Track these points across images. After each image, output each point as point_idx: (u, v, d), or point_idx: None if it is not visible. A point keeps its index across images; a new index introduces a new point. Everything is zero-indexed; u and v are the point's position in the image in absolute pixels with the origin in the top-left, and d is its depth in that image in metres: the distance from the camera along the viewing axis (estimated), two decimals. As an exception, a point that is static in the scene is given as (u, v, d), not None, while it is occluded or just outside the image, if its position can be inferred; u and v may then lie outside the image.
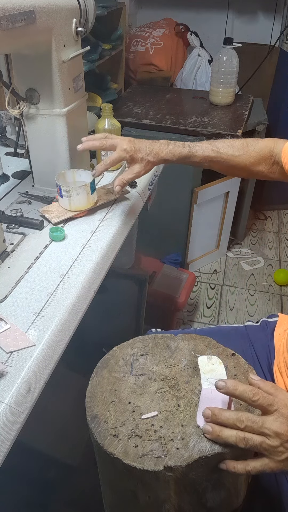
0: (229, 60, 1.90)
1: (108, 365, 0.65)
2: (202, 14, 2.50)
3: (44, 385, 0.64)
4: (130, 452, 0.53)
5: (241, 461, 0.54)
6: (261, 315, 2.00)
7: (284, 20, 2.38)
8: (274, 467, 0.53)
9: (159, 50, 2.27)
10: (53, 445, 1.03)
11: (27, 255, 0.85)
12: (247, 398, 0.53)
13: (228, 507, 0.62)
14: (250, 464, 0.53)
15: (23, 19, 0.75)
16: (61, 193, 0.94)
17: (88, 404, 0.59)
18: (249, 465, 0.53)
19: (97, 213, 0.99)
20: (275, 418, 0.53)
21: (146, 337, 0.69)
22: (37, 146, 1.01)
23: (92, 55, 1.64)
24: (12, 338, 0.66)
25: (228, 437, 0.52)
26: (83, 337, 0.81)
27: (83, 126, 1.07)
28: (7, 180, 1.13)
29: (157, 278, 1.88)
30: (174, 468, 0.51)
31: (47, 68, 0.89)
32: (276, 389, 0.57)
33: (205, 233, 2.13)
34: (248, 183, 2.17)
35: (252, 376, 0.59)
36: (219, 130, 1.72)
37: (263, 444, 0.52)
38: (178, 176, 1.80)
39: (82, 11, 0.94)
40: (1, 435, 0.55)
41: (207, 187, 1.88)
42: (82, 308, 0.77)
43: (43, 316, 0.71)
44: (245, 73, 2.24)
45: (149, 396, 0.60)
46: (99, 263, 0.85)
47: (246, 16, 2.46)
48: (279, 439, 0.52)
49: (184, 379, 0.62)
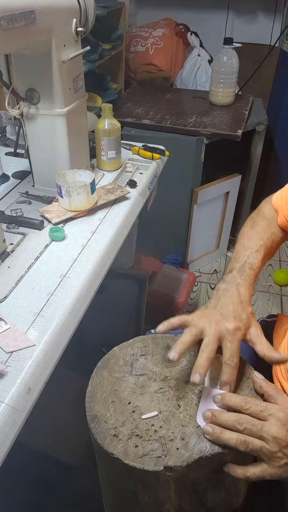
0: (229, 60, 1.90)
1: (108, 365, 0.64)
2: (202, 14, 2.50)
3: (44, 385, 0.64)
4: (130, 452, 0.53)
5: (241, 467, 0.54)
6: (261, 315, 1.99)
7: (284, 20, 2.38)
8: (273, 473, 0.53)
9: (159, 50, 2.27)
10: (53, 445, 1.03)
11: (27, 255, 0.85)
12: (240, 407, 0.55)
13: (228, 507, 0.62)
14: (249, 470, 0.53)
15: (23, 19, 0.75)
16: (61, 193, 0.94)
17: (88, 404, 0.59)
18: (249, 471, 0.53)
19: (97, 213, 0.99)
20: (273, 423, 0.53)
21: (146, 337, 0.69)
22: (37, 146, 1.01)
23: (92, 55, 1.64)
24: (12, 338, 0.66)
25: (228, 439, 0.52)
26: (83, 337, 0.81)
27: (83, 126, 1.07)
28: (7, 180, 1.13)
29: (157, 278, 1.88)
30: (174, 468, 0.51)
31: (47, 68, 0.89)
32: (277, 392, 0.57)
33: (205, 233, 2.13)
34: (248, 183, 2.17)
35: (257, 375, 0.60)
36: (219, 130, 1.72)
37: (262, 449, 0.52)
38: (178, 176, 1.80)
39: (82, 11, 0.94)
40: (1, 435, 0.55)
41: (207, 187, 1.88)
42: (82, 308, 0.77)
43: (43, 316, 0.71)
44: (245, 73, 2.24)
45: (149, 396, 0.60)
46: (99, 263, 0.85)
47: (246, 16, 2.46)
48: (277, 444, 0.52)
49: (184, 379, 0.62)
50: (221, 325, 0.62)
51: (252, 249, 0.76)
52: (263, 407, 0.54)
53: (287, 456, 0.52)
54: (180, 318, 0.66)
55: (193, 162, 1.77)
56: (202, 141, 1.72)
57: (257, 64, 2.29)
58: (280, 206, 0.83)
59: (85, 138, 1.10)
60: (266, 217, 0.84)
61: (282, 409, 0.54)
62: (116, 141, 1.14)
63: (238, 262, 0.74)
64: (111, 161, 1.17)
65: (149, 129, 1.78)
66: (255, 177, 2.15)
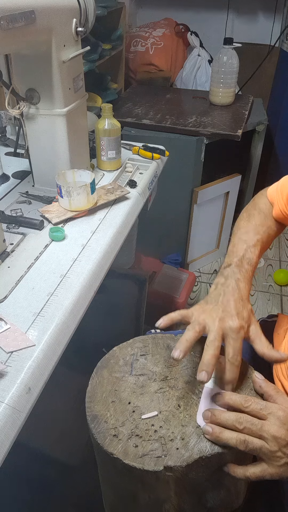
0: (229, 60, 1.90)
1: (108, 365, 0.64)
2: (202, 14, 2.50)
3: (44, 385, 0.64)
4: (130, 452, 0.53)
5: (241, 466, 0.54)
6: (261, 315, 2.00)
7: (284, 20, 2.38)
8: (273, 473, 0.53)
9: (159, 50, 2.27)
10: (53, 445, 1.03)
11: (27, 255, 0.85)
12: (240, 405, 0.55)
13: (228, 507, 0.62)
14: (249, 470, 0.53)
15: (23, 19, 0.75)
16: (61, 193, 0.94)
17: (88, 404, 0.59)
18: (248, 471, 0.53)
19: (97, 213, 0.99)
20: (273, 422, 0.53)
21: (146, 337, 0.69)
22: (37, 146, 1.01)
23: (92, 55, 1.64)
24: (12, 338, 0.66)
25: (228, 439, 0.52)
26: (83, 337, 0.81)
27: (83, 126, 1.07)
28: (7, 180, 1.13)
29: (157, 278, 1.88)
30: (174, 468, 0.51)
31: (47, 68, 0.89)
32: (277, 392, 0.57)
33: (205, 233, 2.13)
34: (248, 183, 2.17)
35: (257, 375, 0.60)
36: (219, 130, 1.72)
37: (262, 448, 0.52)
38: (178, 176, 1.80)
39: (82, 11, 0.94)
40: (1, 435, 0.55)
41: (207, 187, 1.88)
42: (82, 308, 0.77)
43: (43, 316, 0.71)
44: (245, 73, 2.24)
45: (149, 396, 0.60)
46: (99, 263, 0.85)
47: (246, 16, 2.46)
48: (277, 444, 0.52)
49: (184, 379, 0.62)
50: (225, 323, 0.62)
51: (249, 244, 0.75)
52: (263, 405, 0.54)
53: (287, 456, 0.52)
54: (180, 313, 0.65)
55: (193, 162, 1.77)
56: (202, 141, 1.72)
57: (257, 64, 2.29)
58: (275, 199, 0.83)
59: (85, 138, 1.10)
60: (262, 211, 0.84)
61: (282, 408, 0.54)
62: (116, 141, 1.14)
63: (235, 257, 0.73)
64: (111, 161, 1.17)
65: (149, 129, 1.78)
66: (255, 177, 2.15)
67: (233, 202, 2.08)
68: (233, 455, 0.54)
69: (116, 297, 1.28)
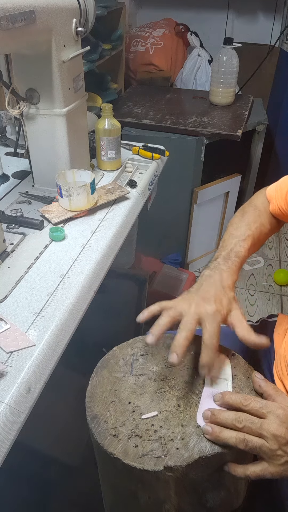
0: (229, 60, 1.90)
1: (108, 365, 0.64)
2: (202, 14, 2.50)
3: (44, 385, 0.64)
4: (130, 452, 0.53)
5: (241, 465, 0.54)
6: (261, 315, 2.00)
7: (284, 20, 2.38)
8: (273, 472, 0.53)
9: (159, 50, 2.27)
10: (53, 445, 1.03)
11: (27, 255, 0.85)
12: (240, 404, 0.55)
13: (228, 507, 0.62)
14: (249, 469, 0.53)
15: (23, 19, 0.75)
16: (61, 193, 0.94)
17: (88, 404, 0.59)
18: (249, 470, 0.53)
19: (97, 213, 0.99)
20: (272, 420, 0.53)
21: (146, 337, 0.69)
22: (37, 146, 1.01)
23: (92, 55, 1.64)
24: (12, 338, 0.66)
25: (228, 438, 0.52)
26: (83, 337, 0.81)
27: (83, 126, 1.07)
28: (7, 180, 1.13)
29: (157, 278, 1.88)
30: (174, 468, 0.51)
31: (47, 68, 0.89)
32: (276, 391, 0.57)
33: (205, 233, 2.13)
34: (248, 183, 2.17)
35: (256, 374, 0.60)
36: (219, 130, 1.72)
37: (262, 447, 0.52)
38: (178, 176, 1.80)
39: (82, 11, 0.94)
40: (1, 435, 0.55)
41: (207, 187, 1.88)
42: (82, 308, 0.77)
43: (43, 316, 0.71)
44: (245, 73, 2.24)
45: (149, 396, 0.60)
46: (99, 263, 0.85)
47: (246, 16, 2.46)
48: (277, 442, 0.52)
49: (184, 379, 0.62)
50: (200, 308, 0.62)
51: (239, 238, 0.76)
52: (262, 404, 0.54)
53: (287, 454, 0.52)
54: (159, 305, 0.65)
55: (193, 162, 1.77)
56: (202, 141, 1.72)
57: (257, 64, 2.29)
58: (273, 196, 0.83)
59: (85, 138, 1.10)
60: (257, 208, 0.84)
61: (281, 407, 0.54)
62: (116, 141, 1.14)
63: (224, 250, 0.74)
64: (111, 161, 1.17)
65: (149, 129, 1.78)
66: (255, 177, 2.15)
67: (233, 202, 2.08)
68: (233, 455, 0.54)
69: (116, 297, 1.28)
